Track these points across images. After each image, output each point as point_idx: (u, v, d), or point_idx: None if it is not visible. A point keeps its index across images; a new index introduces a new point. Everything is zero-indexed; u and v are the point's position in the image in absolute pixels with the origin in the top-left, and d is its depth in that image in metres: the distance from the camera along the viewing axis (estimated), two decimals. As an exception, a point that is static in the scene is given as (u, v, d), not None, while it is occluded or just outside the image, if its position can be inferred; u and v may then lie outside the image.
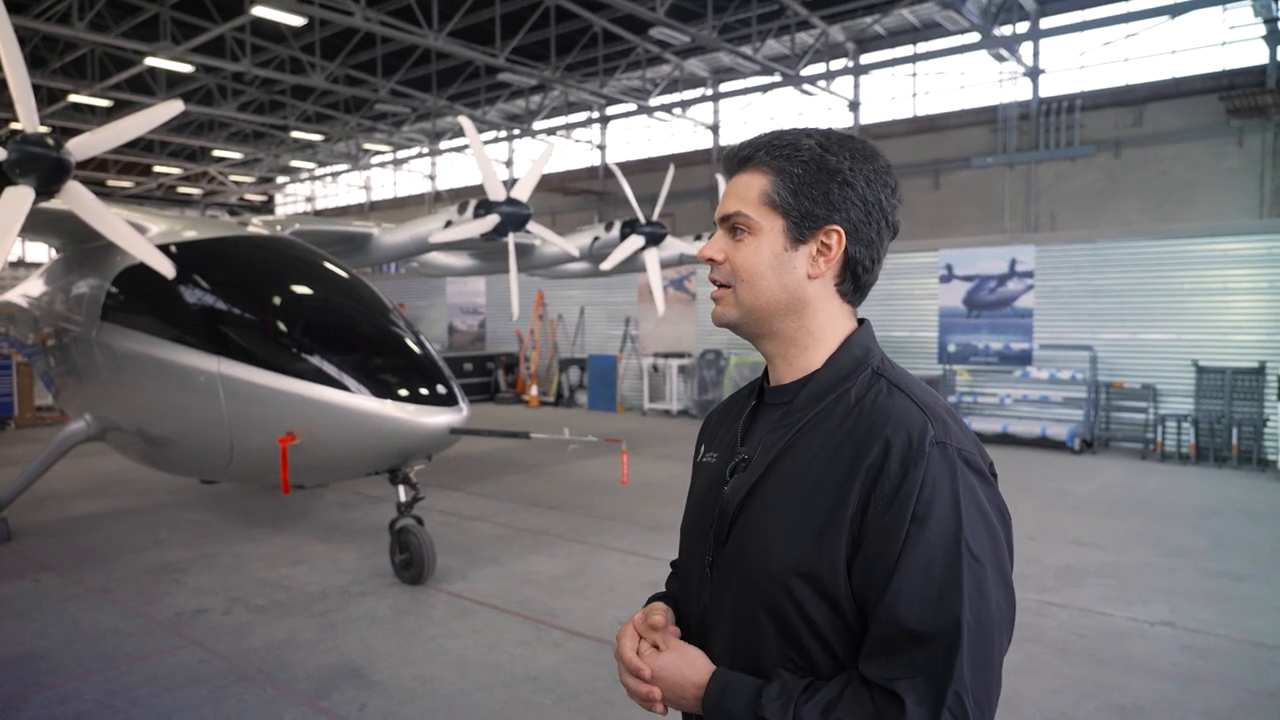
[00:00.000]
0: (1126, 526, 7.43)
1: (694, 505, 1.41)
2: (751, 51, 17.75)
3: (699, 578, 1.34)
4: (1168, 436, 10.81)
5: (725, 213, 1.29)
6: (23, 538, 7.11)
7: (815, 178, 1.23)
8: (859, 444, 1.17)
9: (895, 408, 1.19)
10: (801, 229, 1.24)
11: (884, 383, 1.24)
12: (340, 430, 5.61)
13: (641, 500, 8.38)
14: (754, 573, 1.22)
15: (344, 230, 8.40)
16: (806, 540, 1.17)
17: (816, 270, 1.26)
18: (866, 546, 1.13)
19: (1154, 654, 4.70)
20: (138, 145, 29.45)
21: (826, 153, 1.24)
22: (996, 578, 1.12)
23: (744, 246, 1.26)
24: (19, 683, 4.35)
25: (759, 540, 1.22)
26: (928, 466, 1.12)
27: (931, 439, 1.14)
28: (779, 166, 1.25)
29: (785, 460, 1.23)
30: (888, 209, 1.27)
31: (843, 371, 1.26)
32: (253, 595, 5.70)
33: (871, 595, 1.12)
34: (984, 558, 1.11)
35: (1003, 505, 1.19)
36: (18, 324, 8.90)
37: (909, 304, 13.31)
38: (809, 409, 1.25)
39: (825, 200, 1.23)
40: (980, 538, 1.12)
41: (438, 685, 4.34)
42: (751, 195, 1.26)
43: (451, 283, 20.06)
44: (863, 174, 1.24)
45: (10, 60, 4.69)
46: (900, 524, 1.11)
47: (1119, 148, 16.88)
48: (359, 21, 15.22)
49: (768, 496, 1.23)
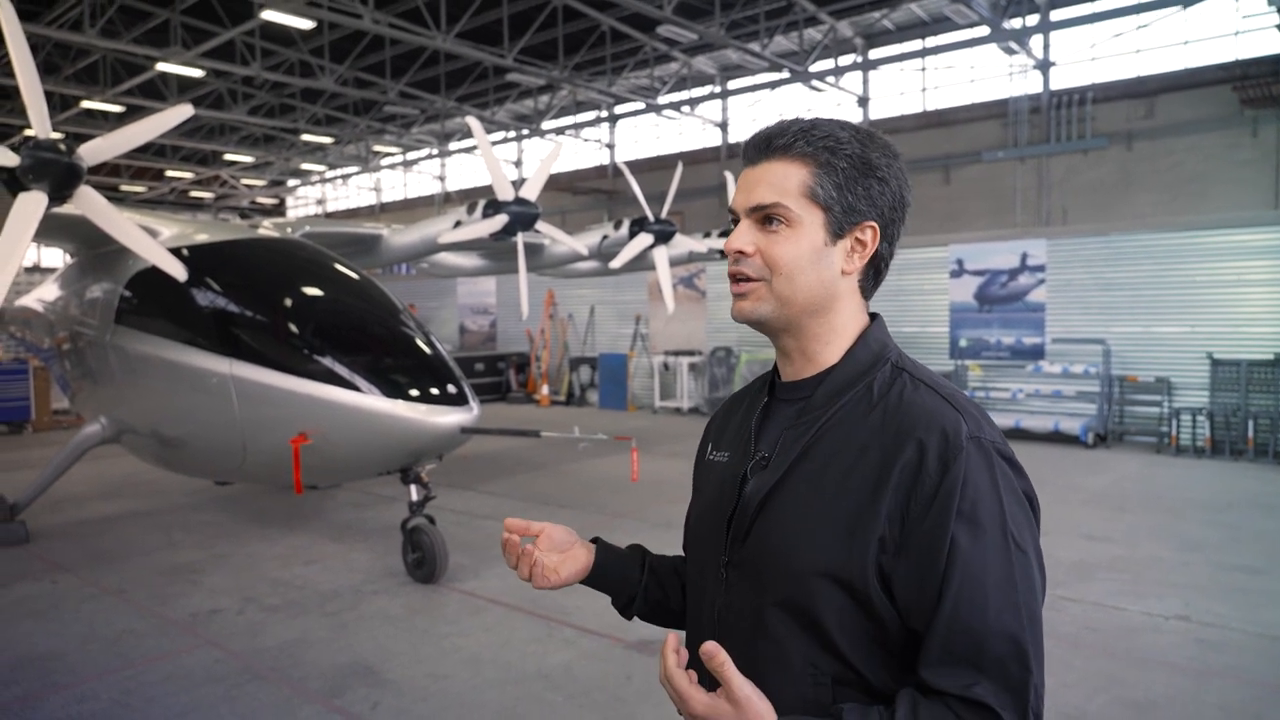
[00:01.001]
0: (1140, 521, 7.38)
1: (706, 504, 1.38)
2: (760, 48, 17.71)
3: (714, 578, 1.30)
4: (1182, 430, 10.74)
5: (759, 202, 1.23)
6: (40, 539, 7.18)
7: (859, 172, 1.22)
8: (889, 443, 1.15)
9: (925, 404, 1.17)
10: (842, 224, 1.22)
11: (906, 377, 1.23)
12: (352, 430, 5.64)
13: (653, 498, 8.38)
14: (777, 572, 1.20)
15: (354, 232, 8.44)
16: (833, 540, 1.14)
17: (851, 266, 1.24)
18: (910, 548, 1.11)
19: (1168, 648, 4.67)
20: (150, 150, 29.64)
21: (866, 148, 1.22)
22: (1037, 565, 1.13)
23: (781, 239, 1.22)
24: (37, 682, 4.40)
25: (782, 540, 1.20)
26: (967, 462, 1.11)
27: (967, 434, 1.13)
28: (822, 159, 1.21)
29: (807, 458, 1.21)
30: (908, 205, 1.28)
31: (861, 366, 1.25)
32: (266, 595, 5.74)
33: (925, 599, 1.10)
34: (1027, 547, 1.12)
35: (1032, 491, 1.19)
36: (34, 328, 8.99)
37: (919, 299, 13.26)
38: (829, 405, 1.23)
39: (866, 196, 1.22)
40: (1023, 528, 1.12)
41: (450, 683, 4.36)
42: (791, 186, 1.21)
43: (462, 283, 20.12)
44: (895, 172, 1.24)
45: (22, 67, 4.74)
46: (945, 523, 1.09)
47: (1131, 140, 16.74)
48: (367, 24, 15.27)
49: (791, 495, 1.20)
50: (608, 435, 6.28)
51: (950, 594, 1.08)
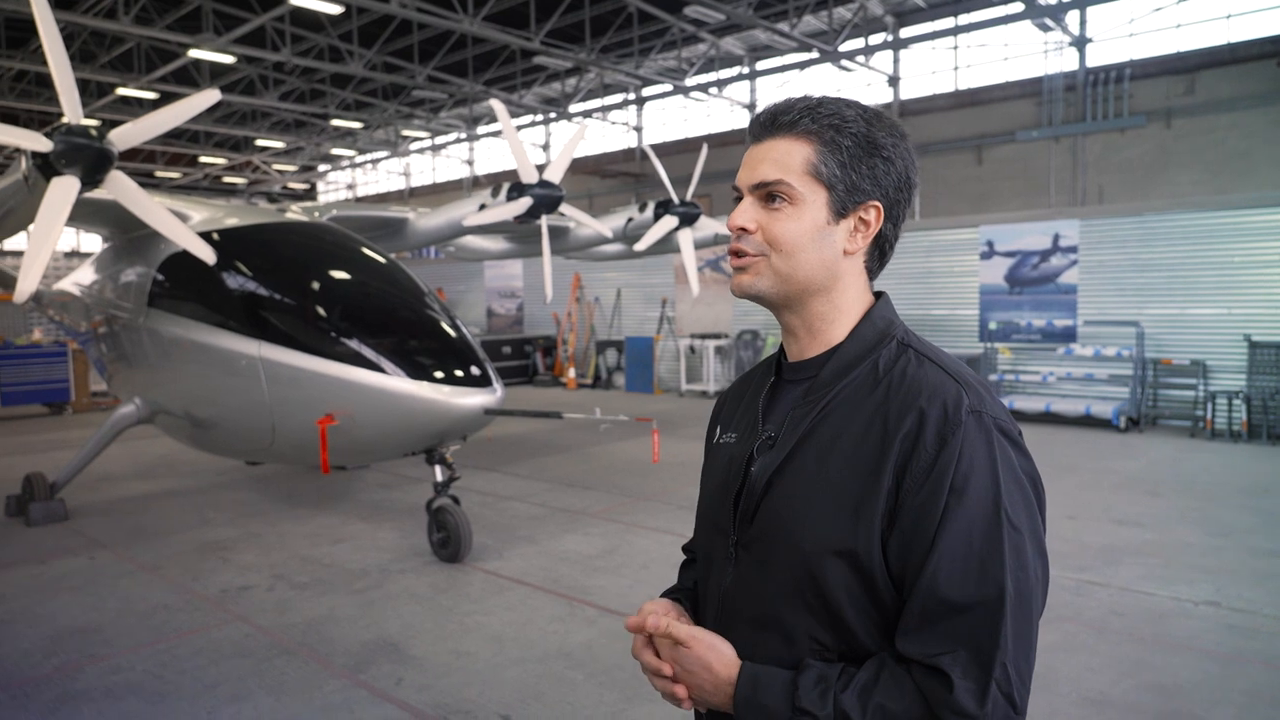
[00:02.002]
0: (1172, 505, 7.27)
1: (714, 486, 1.38)
2: (788, 28, 17.52)
3: (723, 558, 1.31)
4: (1218, 414, 10.54)
5: (762, 179, 1.23)
6: (79, 517, 7.37)
7: (863, 151, 1.21)
8: (892, 416, 1.15)
9: (928, 378, 1.17)
10: (845, 203, 1.22)
11: (911, 353, 1.22)
12: (377, 411, 5.71)
13: (676, 480, 8.40)
14: (784, 551, 1.20)
15: (380, 215, 8.50)
16: (840, 517, 1.14)
17: (854, 245, 1.24)
18: (903, 520, 1.11)
19: (1196, 633, 4.61)
20: (184, 136, 30.08)
21: (871, 127, 1.21)
22: (1034, 546, 1.11)
23: (783, 216, 1.22)
24: (75, 654, 4.52)
25: (789, 518, 1.19)
26: (964, 436, 1.10)
27: (968, 408, 1.12)
28: (827, 137, 1.21)
29: (814, 436, 1.21)
30: (914, 186, 1.27)
31: (867, 344, 1.24)
32: (295, 572, 5.85)
33: (910, 571, 1.10)
34: (1022, 526, 1.10)
35: (1035, 473, 1.17)
36: (71, 312, 9.18)
37: (949, 281, 13.11)
38: (835, 383, 1.22)
39: (870, 176, 1.21)
40: (1018, 506, 1.11)
41: (472, 660, 4.42)
42: (794, 163, 1.21)
43: (489, 266, 20.21)
44: (900, 152, 1.23)
45: (54, 55, 4.82)
46: (938, 496, 1.09)
47: (1170, 117, 16.37)
48: (395, 8, 15.32)
49: (797, 474, 1.20)
50: (629, 417, 6.30)
51: (931, 564, 1.08)
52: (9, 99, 22.63)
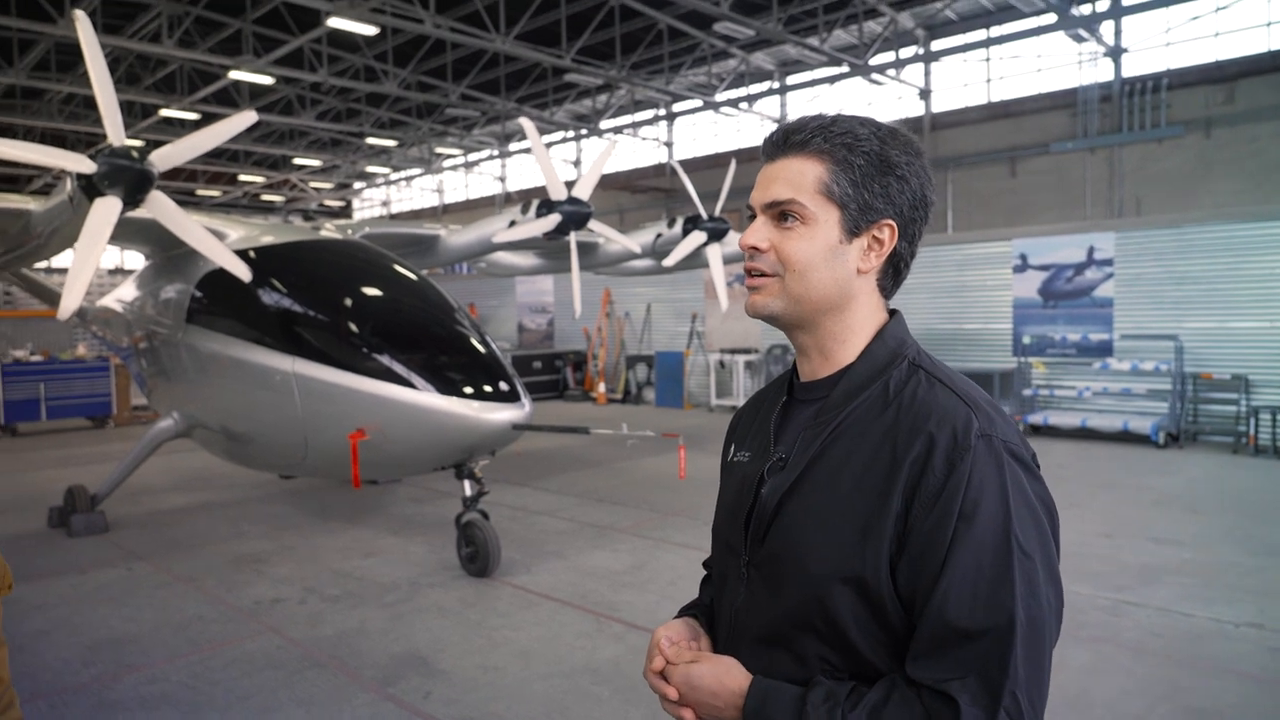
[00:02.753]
0: (1213, 523, 7.10)
1: (728, 505, 1.38)
2: (818, 43, 17.51)
3: (735, 578, 1.32)
4: (1261, 429, 10.29)
5: (774, 199, 1.23)
6: (118, 529, 7.52)
7: (876, 170, 1.20)
8: (901, 440, 1.14)
9: (937, 400, 1.16)
10: (858, 222, 1.21)
11: (922, 374, 1.22)
12: (407, 426, 5.78)
13: (704, 495, 8.37)
14: (793, 574, 1.20)
15: (412, 233, 8.62)
16: (848, 541, 1.14)
17: (867, 264, 1.23)
18: (912, 546, 1.11)
19: (1238, 656, 4.49)
20: (224, 156, 30.72)
21: (885, 145, 1.21)
22: (1046, 573, 1.10)
23: (795, 236, 1.22)
24: (111, 663, 4.61)
25: (798, 541, 1.20)
26: (974, 461, 1.09)
27: (977, 432, 1.11)
28: (839, 156, 1.21)
29: (824, 459, 1.21)
30: (929, 205, 1.26)
31: (878, 364, 1.24)
32: (327, 585, 5.92)
33: (919, 596, 1.10)
34: (1033, 552, 1.09)
35: (1048, 498, 1.16)
36: (113, 327, 9.40)
37: (982, 295, 12.96)
38: (845, 404, 1.22)
39: (884, 194, 1.21)
40: (1029, 532, 1.09)
41: (500, 675, 4.44)
42: (806, 183, 1.21)
43: (520, 282, 20.36)
44: (915, 170, 1.22)
45: (98, 77, 4.97)
46: (947, 522, 1.08)
47: (1209, 127, 16.08)
48: (429, 29, 15.56)
49: (807, 496, 1.21)
50: (655, 432, 6.31)
51: (940, 589, 1.08)
52: (58, 121, 23.30)
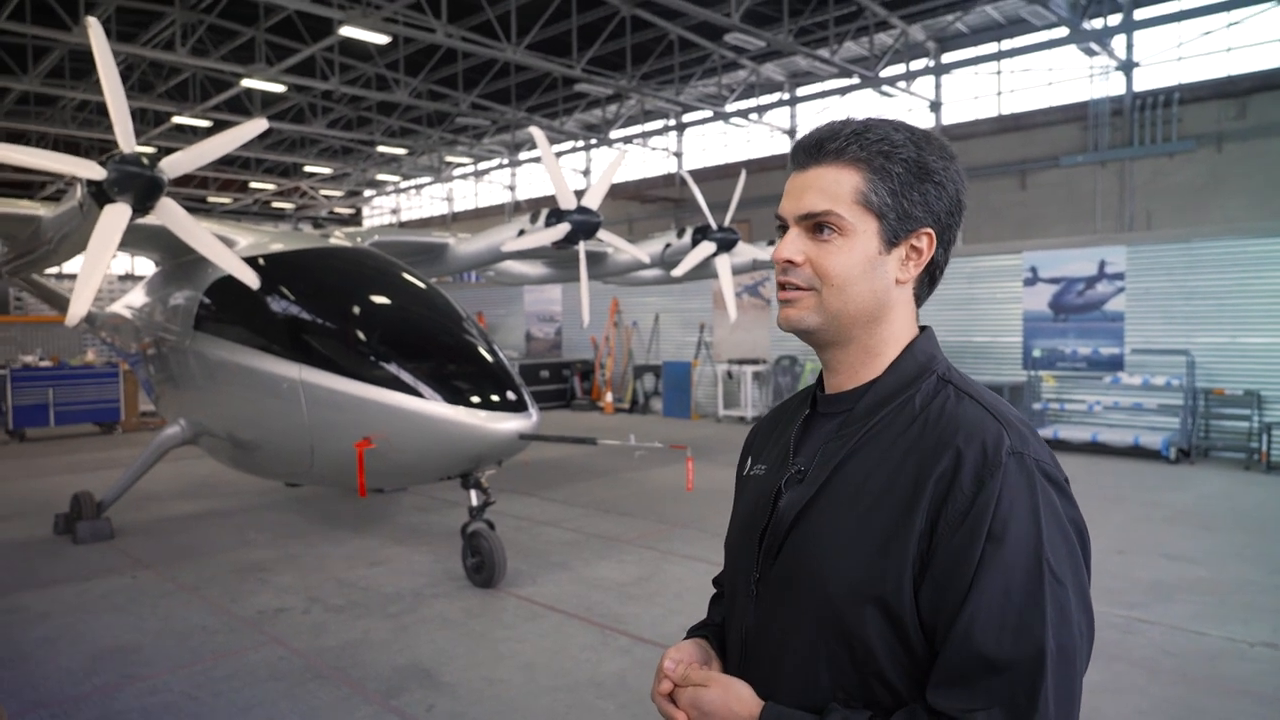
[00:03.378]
0: (1226, 540, 7.02)
1: (742, 519, 1.34)
2: (829, 54, 17.53)
3: (745, 596, 1.27)
4: (1274, 446, 10.19)
5: (810, 210, 1.18)
6: (124, 536, 7.51)
7: (914, 177, 1.16)
8: (926, 455, 1.10)
9: (966, 415, 1.12)
10: (897, 232, 1.17)
11: (951, 389, 1.17)
12: (414, 435, 5.75)
13: (712, 507, 8.33)
14: (809, 593, 1.15)
15: (421, 241, 8.63)
16: (869, 559, 1.10)
17: (906, 275, 1.20)
18: (936, 566, 1.06)
19: (1253, 676, 4.42)
20: (235, 163, 30.93)
21: (922, 151, 1.17)
22: (1078, 599, 1.05)
23: (833, 249, 1.17)
24: (114, 673, 4.59)
25: (816, 558, 1.15)
26: (1004, 479, 1.05)
27: (1008, 449, 1.07)
28: (876, 164, 1.16)
29: (844, 472, 1.16)
30: (964, 209, 1.22)
31: (906, 378, 1.20)
32: (331, 595, 5.89)
33: (943, 620, 1.05)
34: (1065, 578, 1.04)
35: (1081, 522, 1.11)
36: (122, 333, 9.42)
37: (991, 308, 12.90)
38: (869, 418, 1.18)
39: (923, 202, 1.17)
40: (1061, 556, 1.05)
41: (504, 688, 4.40)
42: (843, 193, 1.16)
43: (529, 291, 20.38)
44: (951, 174, 1.19)
45: (109, 84, 4.98)
46: (974, 542, 1.03)
47: (1221, 141, 16.01)
48: (440, 38, 15.65)
49: (826, 511, 1.16)
50: (663, 444, 6.27)
51: (966, 614, 1.03)
52: (71, 128, 23.49)
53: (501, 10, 16.75)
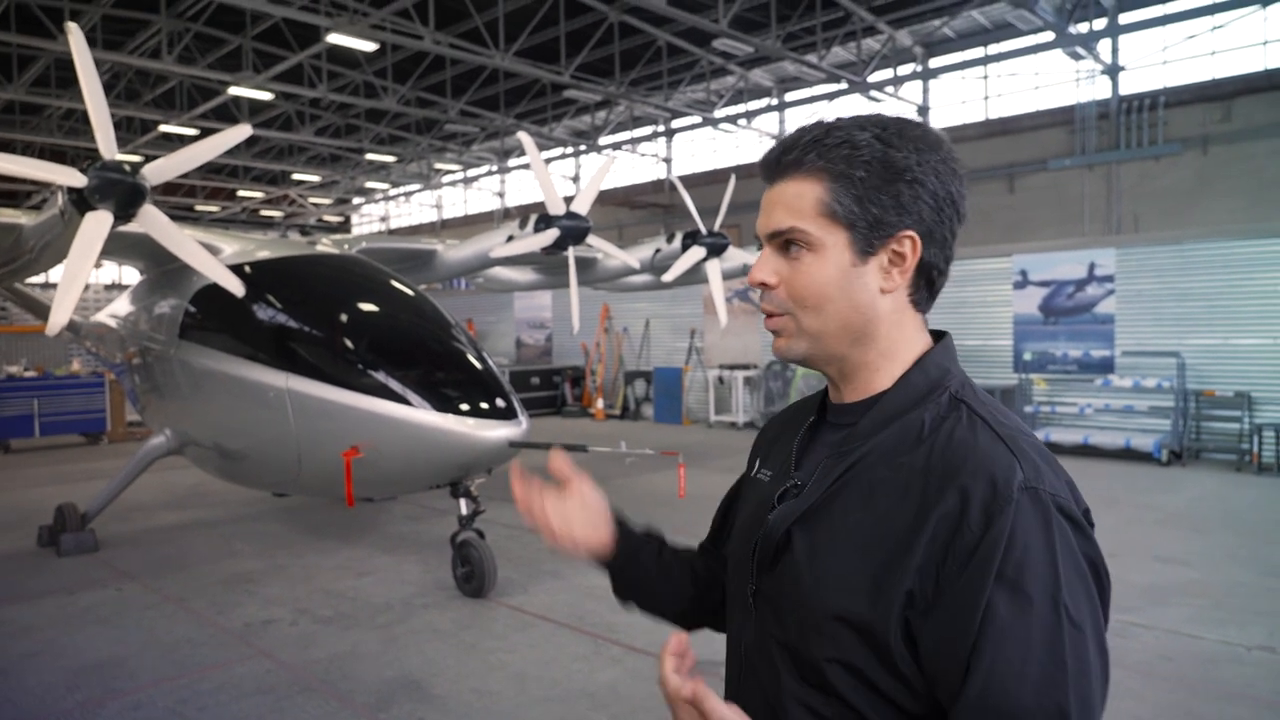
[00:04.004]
0: (1219, 543, 7.01)
1: (741, 525, 1.28)
2: (817, 60, 17.56)
3: (743, 609, 1.21)
4: (1265, 447, 10.21)
5: (775, 228, 1.12)
6: (109, 547, 7.41)
7: (881, 179, 1.07)
8: (931, 486, 1.01)
9: (977, 444, 1.03)
10: (870, 240, 1.08)
11: (964, 411, 1.08)
12: (402, 444, 5.69)
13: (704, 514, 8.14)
14: (796, 612, 1.09)
15: (409, 248, 8.56)
16: (858, 588, 1.02)
17: (891, 284, 1.10)
18: (941, 610, 0.98)
19: (1250, 680, 4.40)
20: (223, 171, 30.77)
21: (889, 148, 1.07)
22: (1095, 645, 0.98)
23: (803, 267, 1.10)
24: (97, 688, 4.50)
25: (804, 578, 1.08)
26: (1016, 516, 0.96)
27: (1020, 484, 0.98)
28: (836, 170, 1.07)
29: (842, 492, 1.09)
30: (958, 201, 1.11)
31: (915, 394, 1.10)
32: (319, 606, 5.81)
33: (950, 667, 0.97)
34: (1084, 623, 0.96)
35: (1100, 559, 1.03)
36: (107, 343, 9.32)
37: (981, 311, 12.92)
38: (872, 435, 1.10)
39: (895, 204, 1.07)
40: (1079, 600, 0.97)
41: (495, 700, 4.33)
42: (805, 206, 1.09)
43: (519, 298, 20.32)
44: (931, 167, 1.07)
45: (90, 91, 4.91)
46: (981, 585, 0.95)
47: (1206, 145, 16.10)
48: (429, 45, 15.60)
49: (818, 530, 1.09)
50: (654, 450, 6.22)
51: (980, 670, 0.94)
52: (57, 136, 23.31)
53: (489, 17, 16.71)
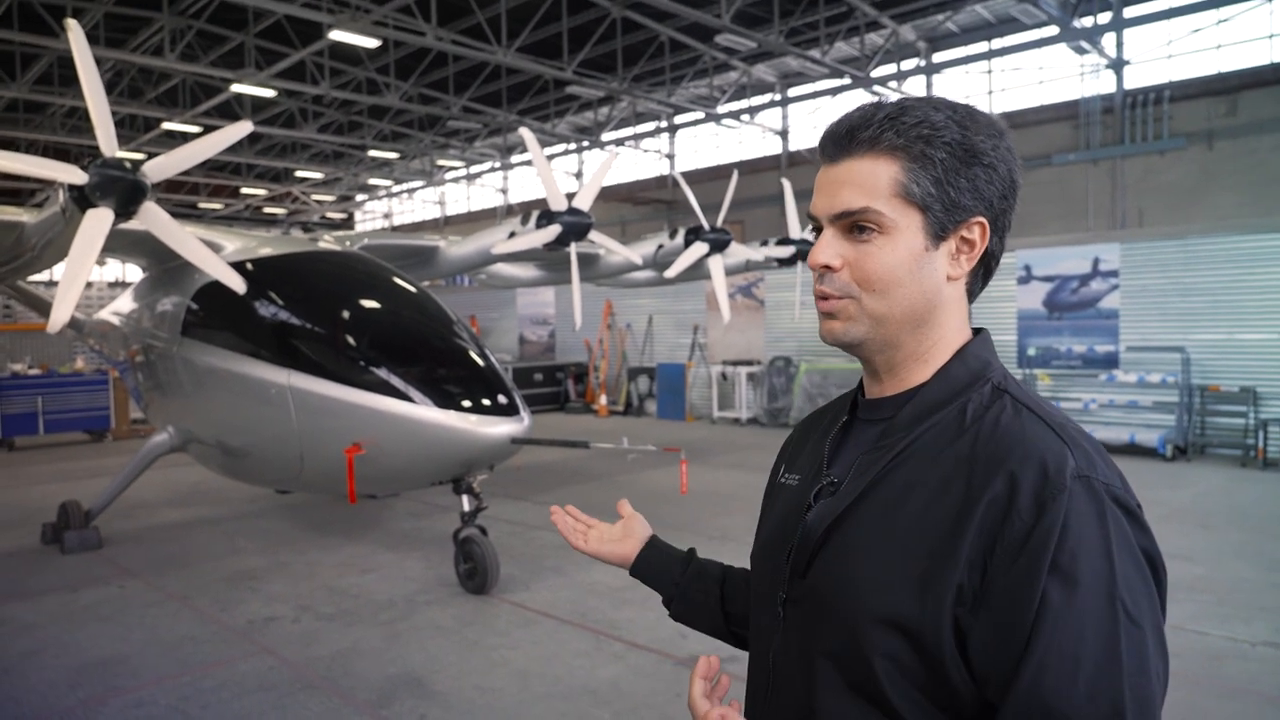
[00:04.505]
0: (1224, 538, 6.99)
1: (769, 532, 1.23)
2: (820, 55, 17.51)
3: (772, 616, 1.16)
4: (1270, 442, 10.17)
5: (845, 208, 1.06)
6: (112, 545, 7.41)
7: (961, 162, 1.04)
8: (977, 473, 0.98)
9: (1026, 431, 0.99)
10: (945, 224, 1.05)
11: (1008, 399, 1.05)
12: (404, 441, 5.68)
13: (709, 510, 8.27)
14: (836, 617, 1.04)
15: (411, 244, 8.55)
16: (904, 586, 0.98)
17: (958, 270, 1.07)
18: (990, 604, 0.93)
19: (1255, 676, 4.38)
20: (226, 169, 30.82)
21: (968, 131, 1.04)
22: (1155, 643, 0.92)
23: (874, 249, 1.05)
24: (99, 685, 4.51)
25: (844, 580, 1.04)
26: (1070, 505, 0.92)
27: (1074, 471, 0.94)
28: (915, 150, 1.04)
29: (882, 487, 1.05)
30: (1019, 189, 1.09)
31: (956, 385, 1.07)
32: (322, 603, 5.81)
33: (1003, 667, 0.92)
34: (1142, 619, 0.91)
35: (1156, 551, 0.98)
36: (110, 341, 9.33)
37: (985, 306, 12.86)
38: (913, 427, 1.06)
39: (972, 188, 1.04)
40: (1138, 595, 0.92)
41: (497, 696, 4.32)
42: (880, 186, 1.04)
43: (521, 294, 20.31)
44: (1002, 154, 1.06)
45: (90, 88, 4.90)
46: (1036, 576, 0.91)
47: (1212, 139, 16.03)
48: (431, 41, 15.58)
49: (858, 529, 1.04)
50: (657, 446, 6.22)
51: (1032, 663, 0.90)
52: (60, 134, 23.35)
53: (492, 13, 16.70)
